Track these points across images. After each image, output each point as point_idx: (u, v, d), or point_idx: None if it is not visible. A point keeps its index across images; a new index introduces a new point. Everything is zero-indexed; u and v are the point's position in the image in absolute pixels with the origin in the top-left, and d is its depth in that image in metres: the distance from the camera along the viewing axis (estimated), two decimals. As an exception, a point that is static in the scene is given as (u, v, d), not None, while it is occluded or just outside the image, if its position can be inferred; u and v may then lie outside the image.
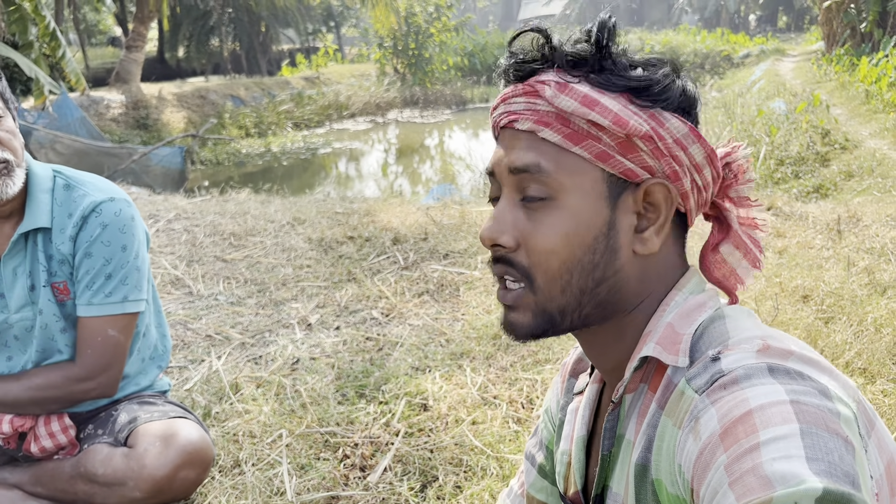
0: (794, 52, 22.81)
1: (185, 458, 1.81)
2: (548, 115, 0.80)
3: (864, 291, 3.19)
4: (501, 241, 0.82)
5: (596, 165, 0.80)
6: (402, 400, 2.44)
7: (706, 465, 0.64)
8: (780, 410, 0.62)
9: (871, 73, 10.87)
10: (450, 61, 21.21)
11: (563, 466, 1.02)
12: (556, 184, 0.80)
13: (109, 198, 1.80)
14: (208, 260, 4.11)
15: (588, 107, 0.78)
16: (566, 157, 0.80)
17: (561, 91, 0.79)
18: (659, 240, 0.82)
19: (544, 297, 0.82)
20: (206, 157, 12.89)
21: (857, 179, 6.89)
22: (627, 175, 0.80)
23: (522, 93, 0.82)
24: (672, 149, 0.80)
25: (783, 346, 0.71)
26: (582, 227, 0.80)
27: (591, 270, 0.81)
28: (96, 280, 1.79)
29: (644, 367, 0.83)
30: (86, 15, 28.64)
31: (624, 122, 0.78)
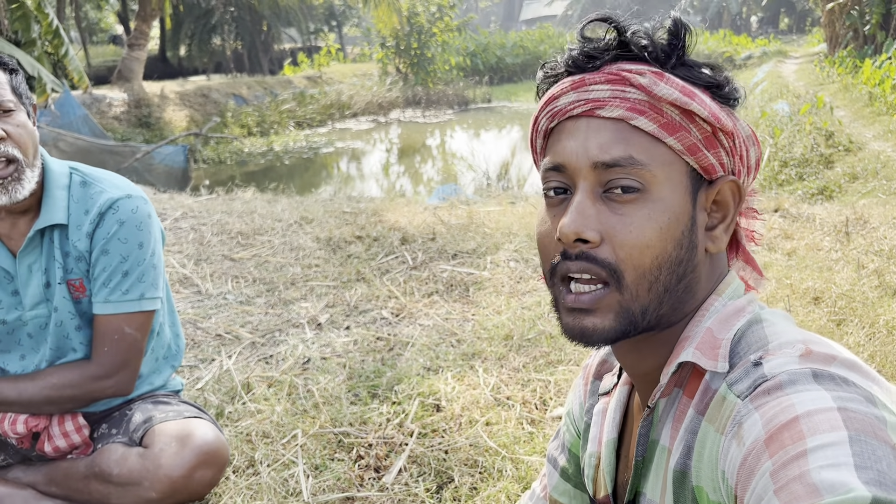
0: (796, 54, 22.82)
1: (202, 458, 1.80)
2: (641, 104, 0.77)
3: (875, 294, 3.18)
4: (587, 235, 0.77)
5: (682, 158, 0.79)
6: (414, 400, 2.43)
7: (751, 472, 0.63)
8: (827, 417, 0.61)
9: (874, 75, 10.87)
10: (452, 61, 21.21)
11: (592, 469, 1.01)
12: (650, 175, 0.77)
13: (126, 195, 1.80)
14: (216, 259, 4.11)
15: (689, 97, 0.77)
16: (658, 147, 0.78)
17: (659, 78, 0.77)
18: (727, 238, 0.82)
19: (630, 295, 0.78)
20: (208, 155, 12.88)
21: (862, 182, 6.89)
22: (708, 170, 0.80)
23: (606, 80, 0.79)
24: (741, 148, 0.81)
25: (826, 350, 0.70)
26: (672, 221, 0.77)
27: (676, 266, 0.79)
28: (113, 277, 1.78)
29: (679, 371, 0.82)
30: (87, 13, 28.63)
31: (717, 116, 0.78)
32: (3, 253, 1.78)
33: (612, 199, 0.78)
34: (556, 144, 0.82)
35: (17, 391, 1.78)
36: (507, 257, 3.95)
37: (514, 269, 3.79)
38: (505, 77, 24.68)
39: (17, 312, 1.83)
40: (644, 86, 0.77)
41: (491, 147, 13.52)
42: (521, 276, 3.65)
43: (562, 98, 0.82)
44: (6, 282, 1.80)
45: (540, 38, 26.38)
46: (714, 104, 0.79)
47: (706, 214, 0.81)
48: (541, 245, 0.84)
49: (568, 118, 0.81)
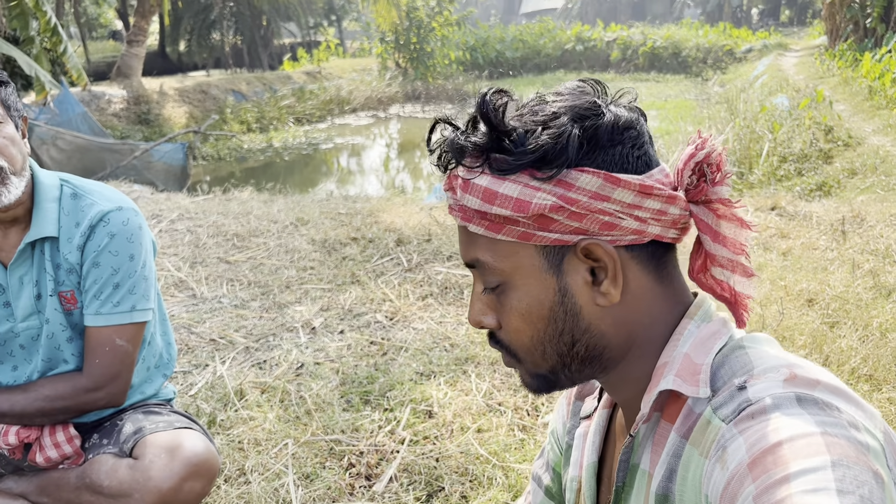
0: (796, 47, 22.73)
1: (191, 469, 1.80)
2: (466, 210, 0.81)
3: (869, 295, 3.18)
4: (485, 323, 0.85)
5: (525, 244, 0.80)
6: (407, 407, 2.44)
7: (734, 496, 0.63)
8: (810, 442, 0.61)
9: (874, 68, 10.82)
10: (451, 56, 21.15)
11: (573, 493, 1.01)
12: (499, 271, 0.81)
13: (117, 207, 1.80)
14: (212, 262, 4.11)
15: (489, 202, 0.78)
16: (497, 244, 0.81)
17: (465, 191, 0.80)
18: (618, 289, 0.80)
19: (531, 365, 0.86)
20: (207, 152, 12.87)
21: (861, 177, 6.87)
22: (558, 243, 0.79)
23: (448, 188, 0.84)
24: (591, 205, 0.77)
25: (810, 375, 0.71)
26: (534, 304, 0.81)
27: (558, 337, 0.82)
28: (104, 290, 1.78)
29: (658, 397, 0.82)
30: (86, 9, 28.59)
31: (526, 206, 0.77)
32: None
33: (491, 291, 0.84)
34: None
35: (10, 403, 1.79)
36: (502, 259, 3.94)
37: (509, 270, 3.78)
38: (505, 71, 24.61)
39: (9, 324, 1.83)
40: (458, 199, 0.81)
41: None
42: (516, 278, 3.65)
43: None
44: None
45: (540, 32, 26.29)
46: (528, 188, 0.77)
47: (588, 271, 0.80)
48: None
49: None
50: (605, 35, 25.81)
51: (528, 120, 0.79)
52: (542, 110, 0.79)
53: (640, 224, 0.79)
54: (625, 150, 0.79)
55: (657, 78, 21.50)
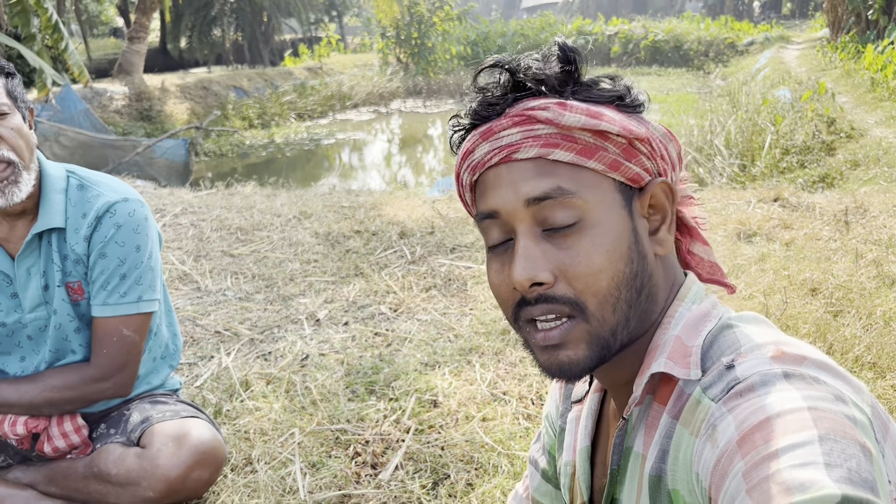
0: (798, 40, 22.67)
1: (198, 457, 1.82)
2: (553, 137, 0.78)
3: (873, 284, 3.18)
4: (540, 277, 0.77)
5: (608, 176, 0.80)
6: (411, 396, 2.45)
7: (724, 473, 0.64)
8: (798, 417, 0.62)
9: (876, 60, 10.80)
10: (453, 50, 21.14)
11: (568, 478, 1.02)
12: (582, 202, 0.78)
13: (123, 198, 1.81)
14: (216, 255, 4.12)
15: (596, 118, 0.78)
16: (582, 173, 0.79)
17: (564, 108, 0.78)
18: (672, 238, 0.84)
19: (598, 321, 0.79)
20: (209, 148, 12.88)
21: (864, 168, 6.86)
22: (635, 180, 0.81)
23: (513, 123, 0.79)
24: (660, 149, 0.83)
25: (797, 351, 0.72)
26: (617, 240, 0.79)
27: (633, 281, 0.80)
28: (111, 280, 1.79)
29: (650, 379, 0.83)
30: (87, 6, 28.58)
31: (628, 128, 0.79)
32: (1, 256, 1.79)
33: (554, 235, 0.79)
34: (483, 195, 0.83)
35: (18, 393, 1.80)
36: (505, 250, 3.95)
37: (512, 262, 3.79)
38: (506, 66, 24.57)
39: (17, 315, 1.84)
40: (551, 119, 0.78)
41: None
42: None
43: (476, 151, 0.82)
44: (5, 285, 1.81)
45: (541, 26, 26.25)
46: (622, 116, 0.80)
47: (646, 221, 0.83)
48: (497, 295, 0.84)
49: (487, 168, 0.82)
50: (607, 29, 25.78)
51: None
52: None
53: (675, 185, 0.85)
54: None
55: (659, 72, 21.46)
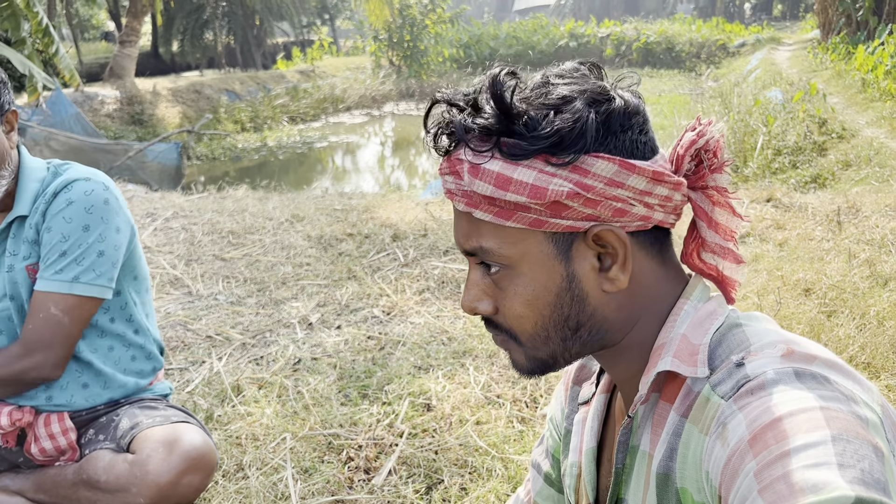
0: (789, 41, 22.75)
1: (189, 463, 1.79)
2: (473, 196, 0.78)
3: (866, 284, 3.18)
4: (480, 309, 0.84)
5: (536, 231, 0.78)
6: (405, 400, 2.43)
7: (735, 472, 0.63)
8: (810, 417, 0.61)
9: (867, 61, 10.84)
10: (445, 53, 21.14)
11: (574, 479, 1.01)
12: (505, 258, 0.80)
13: (85, 177, 1.76)
14: (207, 259, 4.09)
15: (502, 188, 0.76)
16: (504, 231, 0.79)
17: (474, 175, 0.77)
18: (626, 275, 0.80)
19: (532, 349, 0.85)
20: (201, 152, 12.83)
21: (855, 169, 6.88)
22: (569, 229, 0.78)
23: (449, 171, 0.80)
24: (606, 192, 0.76)
25: (807, 350, 0.71)
26: (540, 290, 0.80)
27: (563, 322, 0.82)
28: (50, 255, 1.73)
29: (656, 377, 0.82)
30: (78, 10, 28.49)
31: (542, 192, 0.75)
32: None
33: (491, 276, 0.83)
34: None
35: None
36: (498, 253, 3.94)
37: (505, 264, 3.78)
38: (499, 68, 24.57)
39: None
40: (466, 184, 0.78)
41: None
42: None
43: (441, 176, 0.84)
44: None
45: (533, 29, 26.28)
46: (544, 174, 0.75)
47: (595, 257, 0.80)
48: None
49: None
50: (599, 31, 25.82)
51: (538, 103, 0.76)
52: (549, 93, 0.77)
53: (648, 210, 0.79)
54: (634, 135, 0.78)
55: (651, 73, 21.51)
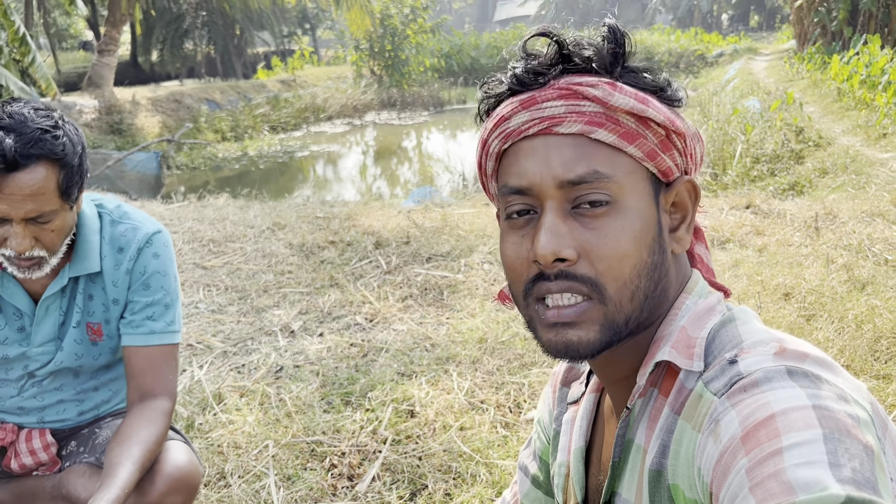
0: (766, 51, 23.08)
1: (172, 484, 1.75)
2: (598, 116, 0.76)
3: (844, 288, 3.22)
4: (565, 253, 0.75)
5: (642, 164, 0.78)
6: (388, 407, 2.42)
7: (726, 469, 0.63)
8: (802, 415, 0.62)
9: (842, 70, 11.02)
10: (426, 63, 21.19)
11: (562, 478, 1.00)
12: (616, 187, 0.76)
13: (157, 230, 1.79)
14: (187, 267, 4.06)
15: (643, 103, 0.76)
16: (620, 157, 0.77)
17: (613, 89, 0.76)
18: (690, 238, 0.83)
19: (615, 306, 0.77)
20: (181, 161, 12.74)
21: (832, 176, 6.98)
22: (666, 173, 0.80)
23: (558, 96, 0.77)
24: (691, 147, 0.82)
25: (798, 348, 0.72)
26: (644, 228, 0.77)
27: (653, 272, 0.78)
28: (155, 309, 1.76)
29: (654, 370, 0.82)
30: (56, 19, 28.25)
31: (671, 119, 0.78)
32: (16, 290, 1.72)
33: (583, 214, 0.76)
34: (513, 166, 0.80)
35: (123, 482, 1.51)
36: (481, 259, 3.94)
37: (488, 271, 3.78)
38: (480, 78, 24.56)
39: (22, 348, 1.78)
40: (599, 97, 0.75)
41: (467, 149, 13.52)
42: (496, 279, 3.65)
43: (513, 118, 0.79)
44: (14, 318, 1.75)
45: (514, 39, 26.43)
46: (664, 107, 0.79)
47: (668, 216, 0.82)
48: (512, 268, 0.81)
49: (523, 139, 0.79)
50: (579, 41, 26.02)
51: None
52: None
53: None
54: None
55: (630, 83, 21.68)
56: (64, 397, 1.87)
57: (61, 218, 1.55)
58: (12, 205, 1.45)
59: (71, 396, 1.88)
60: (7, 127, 1.45)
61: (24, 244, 1.51)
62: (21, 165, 1.43)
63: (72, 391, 1.88)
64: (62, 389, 1.86)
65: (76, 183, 1.54)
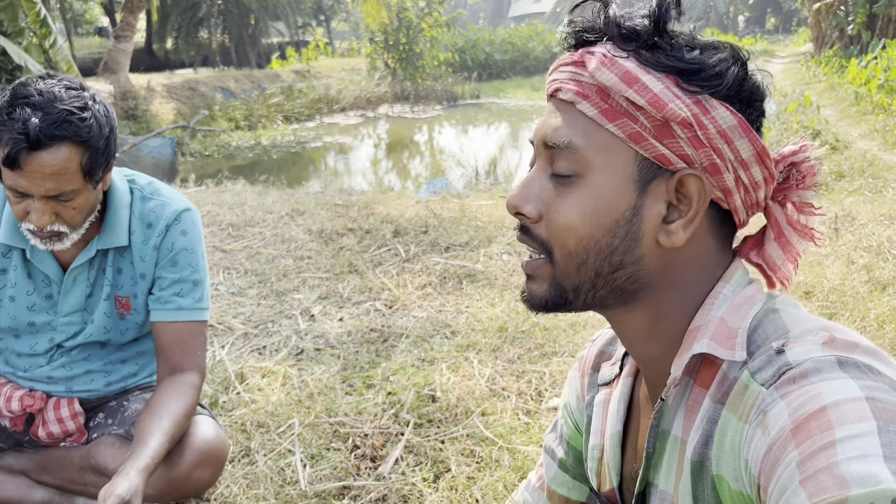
0: (782, 54, 22.97)
1: (201, 457, 1.76)
2: (589, 88, 0.77)
3: (865, 288, 3.21)
4: (524, 210, 0.81)
5: (629, 146, 0.77)
6: (410, 391, 2.43)
7: (776, 461, 0.62)
8: (856, 407, 0.61)
9: (860, 74, 10.96)
10: (440, 57, 21.17)
11: (595, 462, 1.00)
12: (585, 161, 0.78)
13: (186, 207, 1.81)
14: (207, 250, 4.08)
15: (627, 83, 0.75)
16: (599, 133, 0.77)
17: (604, 64, 0.76)
18: (686, 234, 0.78)
19: (561, 271, 0.81)
20: (195, 149, 12.76)
21: (849, 179, 6.94)
22: (661, 161, 0.76)
23: (571, 62, 0.80)
24: (714, 140, 0.76)
25: (848, 337, 0.70)
26: (602, 209, 0.78)
27: (608, 254, 0.79)
28: (184, 286, 1.79)
29: (690, 361, 0.80)
30: (72, 4, 28.34)
31: (661, 105, 0.74)
32: (47, 259, 1.74)
33: (558, 180, 0.80)
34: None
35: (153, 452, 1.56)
36: (499, 250, 3.95)
37: (507, 261, 3.79)
38: (493, 73, 24.64)
39: (48, 317, 1.79)
40: (591, 70, 0.77)
41: (479, 143, 13.50)
42: (515, 269, 3.65)
43: (549, 75, 0.84)
44: (43, 285, 1.77)
45: (528, 35, 26.39)
46: (670, 91, 0.75)
47: (665, 205, 0.78)
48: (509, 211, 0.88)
49: (549, 97, 0.84)
50: (594, 39, 25.95)
51: (688, 37, 0.78)
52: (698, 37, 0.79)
53: (735, 186, 0.78)
54: (752, 114, 0.78)
55: (645, 82, 21.60)
56: (92, 367, 1.89)
57: (83, 197, 1.56)
58: (33, 182, 1.47)
59: (99, 367, 1.90)
60: (35, 104, 1.46)
61: (44, 220, 1.53)
62: (44, 145, 1.44)
63: (100, 362, 1.90)
64: (90, 360, 1.88)
65: (101, 164, 1.55)
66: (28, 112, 1.44)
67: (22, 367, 1.86)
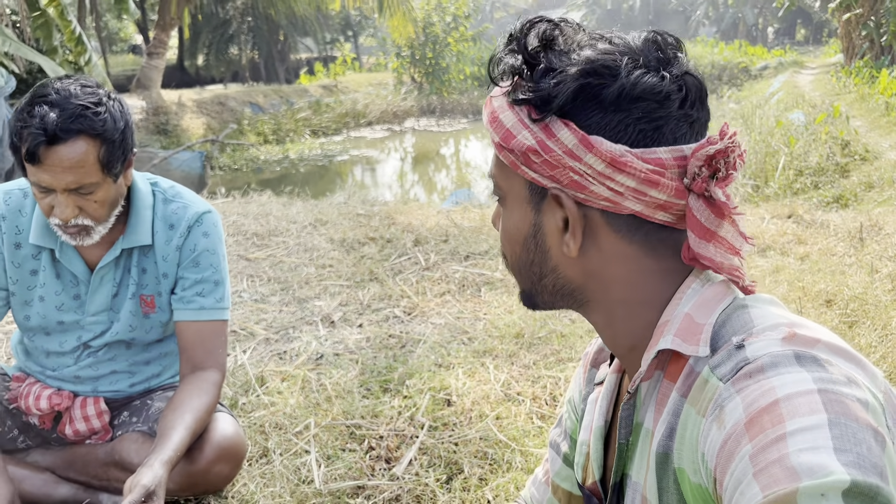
0: (812, 65, 22.71)
1: (220, 453, 1.82)
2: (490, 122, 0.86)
3: (888, 297, 3.17)
4: (495, 226, 0.94)
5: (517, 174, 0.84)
6: (426, 395, 2.46)
7: (730, 455, 0.64)
8: (807, 400, 0.61)
9: (891, 85, 10.81)
10: (466, 71, 21.27)
11: (582, 457, 1.02)
12: (500, 189, 0.88)
13: (207, 209, 1.88)
14: (231, 258, 4.16)
15: (491, 122, 0.84)
16: (502, 164, 0.86)
17: (485, 105, 0.86)
18: (576, 244, 0.81)
19: (515, 278, 0.93)
20: (224, 162, 12.98)
21: (878, 190, 6.85)
22: (537, 183, 0.81)
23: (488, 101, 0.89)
24: (564, 160, 0.77)
25: (810, 333, 0.70)
26: (513, 228, 0.87)
27: (529, 265, 0.88)
28: (206, 286, 1.85)
29: (659, 355, 0.82)
30: (108, 23, 29.02)
31: (510, 138, 0.81)
32: (74, 258, 1.82)
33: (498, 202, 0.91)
34: None
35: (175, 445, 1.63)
36: (519, 259, 3.97)
37: (526, 270, 3.80)
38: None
39: (77, 316, 1.87)
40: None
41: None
42: (533, 278, 3.67)
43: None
44: (71, 285, 1.84)
45: (555, 49, 26.38)
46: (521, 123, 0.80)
47: (562, 220, 0.82)
48: None
49: None
50: (620, 52, 25.87)
51: (555, 59, 0.78)
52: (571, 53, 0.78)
53: (614, 195, 0.77)
54: (628, 118, 0.76)
55: (672, 95, 21.46)
56: (117, 368, 1.96)
57: (104, 190, 1.63)
58: (54, 176, 1.55)
59: (124, 368, 1.97)
60: (52, 102, 1.54)
61: (67, 213, 1.61)
62: (61, 139, 1.52)
63: (125, 363, 1.96)
64: (115, 360, 1.95)
65: (118, 157, 1.62)
66: (45, 109, 1.53)
67: (51, 366, 1.94)
